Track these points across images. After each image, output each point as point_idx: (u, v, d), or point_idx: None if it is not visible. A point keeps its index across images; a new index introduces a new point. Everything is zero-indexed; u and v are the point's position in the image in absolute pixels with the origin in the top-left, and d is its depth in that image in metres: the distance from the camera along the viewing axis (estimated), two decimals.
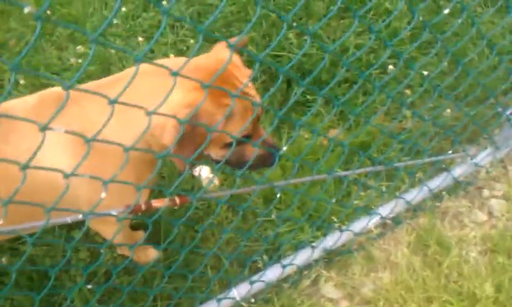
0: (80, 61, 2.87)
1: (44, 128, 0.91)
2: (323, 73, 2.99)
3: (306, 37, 3.13)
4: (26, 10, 0.79)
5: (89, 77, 2.77)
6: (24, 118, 0.98)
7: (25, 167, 0.95)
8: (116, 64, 2.86)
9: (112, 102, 0.89)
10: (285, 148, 1.66)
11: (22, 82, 2.72)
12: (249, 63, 2.91)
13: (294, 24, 3.06)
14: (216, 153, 1.64)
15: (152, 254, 2.34)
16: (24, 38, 2.97)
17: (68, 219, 1.20)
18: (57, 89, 1.61)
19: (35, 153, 0.94)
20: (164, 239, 2.36)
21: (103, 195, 1.17)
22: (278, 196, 1.73)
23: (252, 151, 1.65)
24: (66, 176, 1.06)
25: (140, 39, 3.03)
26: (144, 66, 1.59)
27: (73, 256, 2.27)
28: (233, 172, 2.52)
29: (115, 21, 3.09)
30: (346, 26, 3.25)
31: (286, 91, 2.92)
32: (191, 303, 2.23)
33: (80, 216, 1.20)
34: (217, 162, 1.67)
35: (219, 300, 2.13)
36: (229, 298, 2.18)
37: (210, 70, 1.45)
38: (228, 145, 1.57)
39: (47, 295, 1.36)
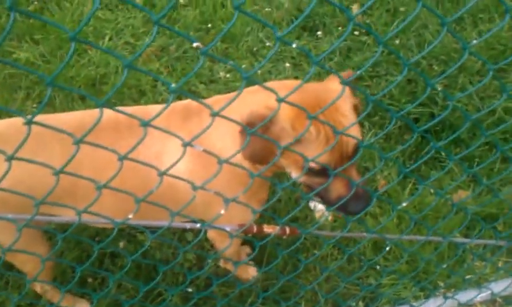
0: (228, 75, 3.08)
1: (187, 144, 1.03)
2: (463, 132, 2.87)
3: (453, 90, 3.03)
4: (195, 45, 0.91)
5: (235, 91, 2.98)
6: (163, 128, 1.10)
7: (162, 174, 1.08)
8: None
9: (215, 114, 0.96)
10: (404, 204, 1.61)
11: (173, 85, 3.01)
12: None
13: (439, 88, 2.96)
14: (297, 174, 1.60)
15: (252, 272, 2.43)
16: (183, 46, 3.27)
17: (187, 226, 1.32)
18: (184, 102, 1.79)
19: (173, 165, 1.07)
20: (267, 261, 2.44)
21: (222, 211, 1.28)
22: (388, 248, 1.69)
23: (338, 191, 1.58)
24: (195, 188, 1.18)
25: (287, 65, 3.17)
26: (253, 88, 1.68)
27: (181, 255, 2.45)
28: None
29: (268, 43, 3.28)
30: (499, 86, 3.08)
31: (420, 142, 2.84)
32: None
33: (198, 225, 1.32)
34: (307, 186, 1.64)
35: None
36: None
37: (312, 95, 1.51)
38: (313, 172, 1.54)
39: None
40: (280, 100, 1.00)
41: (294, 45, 0.98)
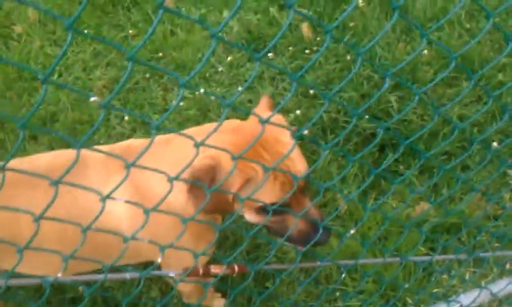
0: (182, 104, 3.03)
1: (105, 198, 0.97)
2: (420, 143, 2.88)
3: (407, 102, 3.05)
4: (92, 99, 0.86)
5: (189, 120, 2.93)
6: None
7: (85, 229, 1.02)
8: (214, 110, 2.99)
9: (129, 166, 0.92)
10: (352, 231, 1.57)
11: (126, 118, 2.95)
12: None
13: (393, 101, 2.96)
14: (250, 216, 1.58)
15: (218, 304, 2.36)
16: (134, 77, 3.22)
17: (127, 276, 1.25)
18: (126, 143, 1.74)
19: (95, 219, 1.01)
20: (232, 290, 2.38)
21: (159, 260, 1.22)
22: (343, 276, 1.65)
23: (296, 226, 1.55)
24: (126, 240, 1.12)
25: (240, 88, 3.14)
26: (195, 129, 1.64)
27: (144, 293, 2.37)
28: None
29: (220, 68, 3.24)
30: (453, 95, 3.11)
31: (378, 157, 2.84)
32: None
33: (138, 275, 1.25)
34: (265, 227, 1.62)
35: None
36: None
37: (248, 134, 1.48)
38: (264, 211, 1.51)
39: None
40: (198, 145, 0.96)
41: (202, 90, 0.94)
